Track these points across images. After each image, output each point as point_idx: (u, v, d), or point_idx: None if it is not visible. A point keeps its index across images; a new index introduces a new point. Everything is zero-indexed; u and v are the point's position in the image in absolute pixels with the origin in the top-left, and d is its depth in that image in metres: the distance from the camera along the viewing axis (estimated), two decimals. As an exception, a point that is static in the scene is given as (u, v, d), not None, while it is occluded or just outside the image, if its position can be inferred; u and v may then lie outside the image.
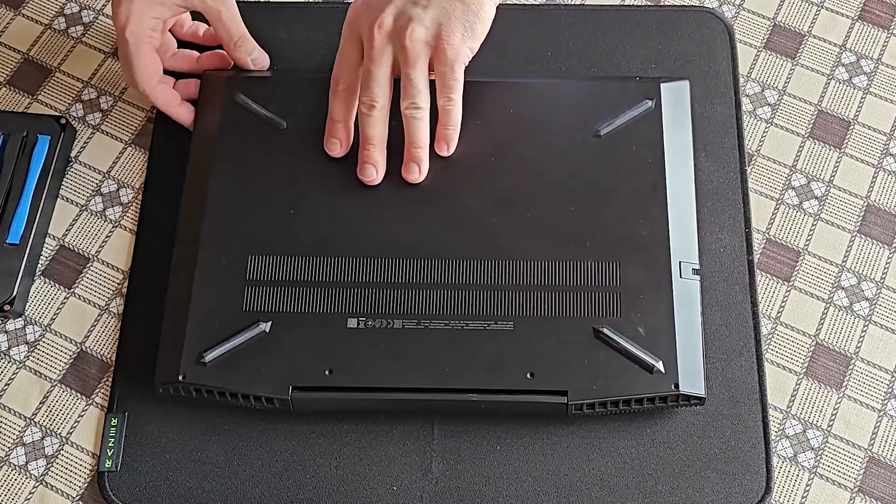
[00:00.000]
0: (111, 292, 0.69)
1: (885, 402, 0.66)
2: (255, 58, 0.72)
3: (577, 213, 0.66)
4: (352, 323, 0.63)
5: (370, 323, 0.63)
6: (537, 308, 0.63)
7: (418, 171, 0.66)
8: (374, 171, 0.65)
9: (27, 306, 0.69)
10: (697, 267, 0.65)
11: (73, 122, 0.74)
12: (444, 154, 0.67)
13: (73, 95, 0.76)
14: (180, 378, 0.62)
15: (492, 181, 0.67)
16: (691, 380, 0.61)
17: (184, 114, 0.71)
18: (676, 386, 0.61)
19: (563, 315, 0.63)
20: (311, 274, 0.64)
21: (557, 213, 0.66)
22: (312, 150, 0.68)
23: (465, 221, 0.66)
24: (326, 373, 0.62)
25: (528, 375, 0.62)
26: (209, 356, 0.62)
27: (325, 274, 0.64)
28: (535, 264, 0.64)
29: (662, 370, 0.61)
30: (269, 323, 0.63)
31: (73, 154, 0.74)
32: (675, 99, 0.69)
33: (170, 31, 0.73)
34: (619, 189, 0.66)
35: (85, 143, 0.74)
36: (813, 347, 0.67)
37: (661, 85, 0.69)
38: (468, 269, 0.64)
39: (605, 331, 0.62)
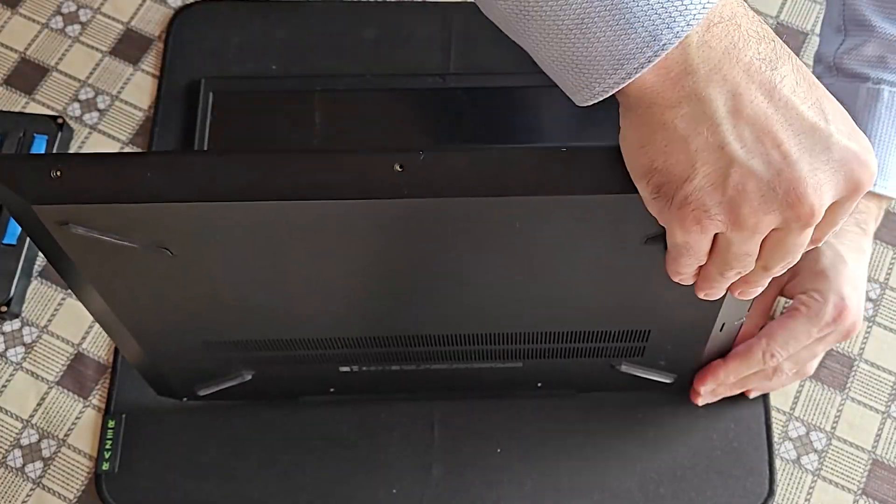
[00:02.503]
0: (109, 293, 0.69)
1: (889, 403, 0.66)
2: None
3: (607, 299, 0.50)
4: (344, 368, 0.59)
5: (364, 368, 0.59)
6: (550, 354, 0.56)
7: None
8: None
9: (24, 307, 0.68)
10: (744, 319, 0.54)
11: (70, 122, 0.74)
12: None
13: (71, 95, 0.75)
14: (183, 400, 0.63)
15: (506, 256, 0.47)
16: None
17: None
18: (689, 383, 0.62)
19: (577, 357, 0.57)
20: (290, 344, 0.54)
21: (584, 294, 0.50)
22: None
23: (473, 304, 0.51)
24: (331, 390, 0.63)
25: (537, 385, 0.63)
26: (201, 391, 0.61)
27: (306, 342, 0.54)
28: (552, 328, 0.54)
29: (675, 380, 0.61)
30: (252, 373, 0.59)
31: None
32: None
33: None
34: (665, 292, 0.47)
35: (82, 142, 0.74)
36: (816, 349, 0.67)
37: None
38: (474, 341, 0.55)
39: (623, 367, 0.58)
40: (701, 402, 0.62)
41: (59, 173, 0.38)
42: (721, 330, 0.53)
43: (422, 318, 0.52)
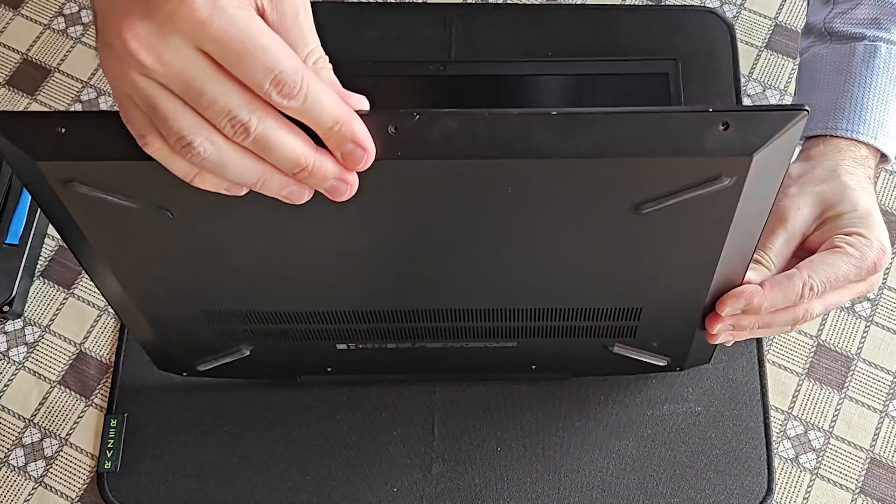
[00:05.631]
0: (110, 293, 0.69)
1: (887, 402, 0.66)
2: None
3: (598, 271, 0.50)
4: (341, 346, 0.59)
5: (360, 346, 0.59)
6: (543, 332, 0.56)
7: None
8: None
9: (26, 307, 0.69)
10: None
11: (72, 123, 0.74)
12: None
13: (73, 96, 0.75)
14: (183, 374, 0.63)
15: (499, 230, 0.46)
16: (697, 359, 0.62)
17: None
18: (680, 368, 0.62)
19: (569, 338, 0.57)
20: (287, 317, 0.54)
21: (575, 266, 0.50)
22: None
23: (472, 264, 0.50)
24: (327, 370, 0.63)
25: (531, 367, 0.63)
26: (201, 367, 0.61)
27: (303, 314, 0.54)
28: (542, 312, 0.54)
29: (669, 363, 0.61)
30: (251, 349, 0.59)
31: (72, 154, 0.73)
32: (772, 162, 0.40)
33: None
34: (656, 264, 0.49)
35: (84, 143, 0.74)
36: (814, 348, 0.67)
37: (756, 156, 0.39)
38: (467, 318, 0.55)
39: (616, 349, 0.59)
40: (716, 330, 0.54)
41: (64, 130, 0.38)
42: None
43: (415, 289, 0.52)
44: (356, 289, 0.52)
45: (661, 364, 0.61)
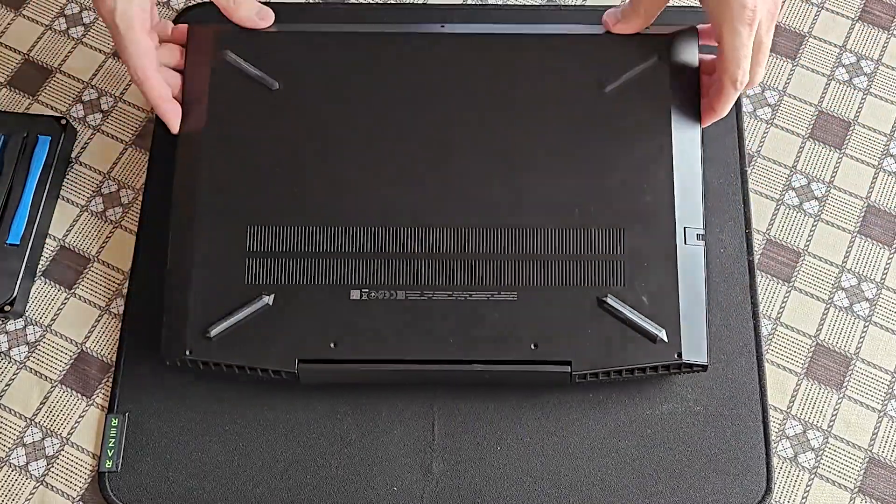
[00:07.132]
0: (112, 293, 0.69)
1: (886, 402, 0.66)
2: (261, 14, 0.69)
3: (580, 178, 0.64)
4: (355, 295, 0.62)
5: (373, 294, 0.62)
6: (541, 277, 0.63)
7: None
8: None
9: (28, 307, 0.69)
10: (702, 232, 0.64)
11: (73, 123, 0.74)
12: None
13: (74, 96, 0.76)
14: (186, 353, 0.62)
15: (494, 142, 0.65)
16: (694, 348, 0.62)
17: (171, 112, 0.66)
18: (679, 355, 0.61)
19: (566, 284, 0.62)
20: (313, 245, 0.63)
21: (561, 177, 0.64)
22: (307, 112, 0.67)
23: (468, 188, 0.64)
24: (332, 346, 0.62)
25: (532, 346, 0.62)
26: (214, 331, 0.62)
27: (326, 244, 0.63)
28: (539, 232, 0.63)
29: (665, 339, 0.61)
30: (272, 296, 0.62)
31: (73, 155, 0.74)
32: (683, 54, 0.67)
33: None
34: (624, 151, 0.65)
35: (85, 143, 0.74)
36: (813, 348, 0.68)
37: (674, 39, 0.67)
38: (471, 239, 0.63)
39: (609, 301, 0.61)
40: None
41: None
42: (686, 242, 0.63)
43: (421, 194, 0.64)
44: (375, 194, 0.64)
45: (657, 333, 0.61)
